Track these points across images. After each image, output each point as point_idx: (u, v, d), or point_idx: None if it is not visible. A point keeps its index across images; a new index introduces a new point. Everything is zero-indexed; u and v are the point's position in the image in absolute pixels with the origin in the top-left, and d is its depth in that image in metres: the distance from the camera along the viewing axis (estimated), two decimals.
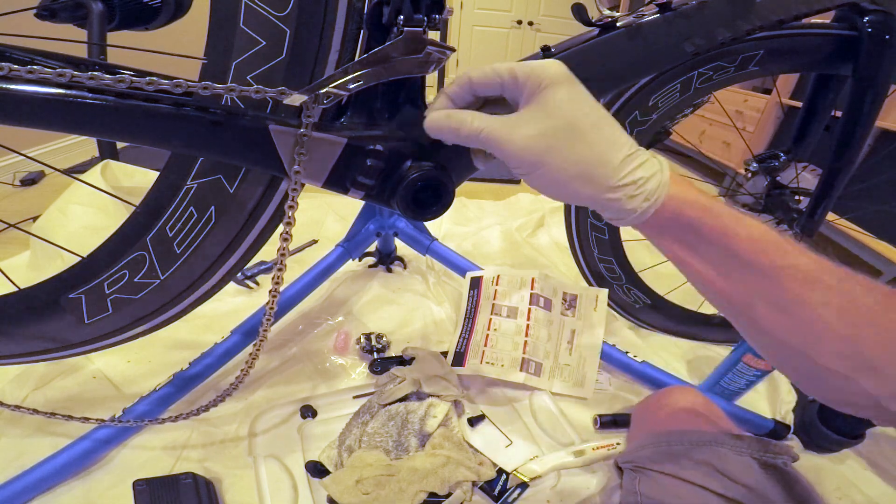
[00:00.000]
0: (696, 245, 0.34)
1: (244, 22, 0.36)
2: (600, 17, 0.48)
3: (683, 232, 0.33)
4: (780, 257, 0.31)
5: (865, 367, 0.29)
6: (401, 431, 0.68)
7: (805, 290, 0.31)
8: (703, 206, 0.33)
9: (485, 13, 3.97)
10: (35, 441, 0.65)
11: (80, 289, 0.49)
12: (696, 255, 0.34)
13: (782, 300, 0.31)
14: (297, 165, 0.36)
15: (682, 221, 0.33)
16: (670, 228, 0.34)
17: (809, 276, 0.31)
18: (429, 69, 0.36)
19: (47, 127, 0.35)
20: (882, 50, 0.61)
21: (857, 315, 0.30)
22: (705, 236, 0.33)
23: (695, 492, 0.49)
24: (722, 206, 0.33)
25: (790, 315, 0.31)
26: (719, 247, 0.33)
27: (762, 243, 0.32)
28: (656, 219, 0.34)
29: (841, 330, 0.30)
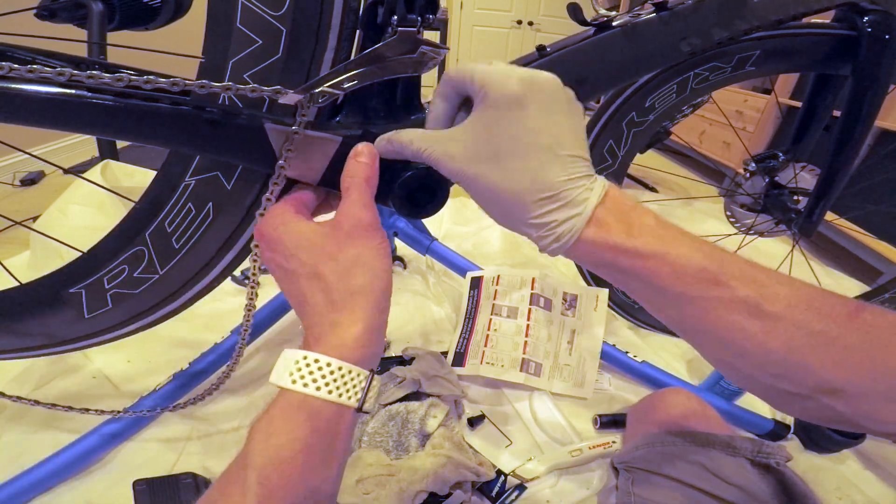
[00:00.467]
0: (622, 281, 0.33)
1: (241, 21, 0.36)
2: (596, 17, 0.48)
3: (605, 269, 0.33)
4: (710, 289, 0.30)
5: (828, 390, 0.28)
6: (401, 431, 0.68)
7: (740, 320, 0.29)
8: (619, 247, 0.31)
9: (485, 13, 3.97)
10: (36, 440, 0.66)
11: (80, 283, 0.49)
12: (626, 287, 0.33)
13: (715, 331, 0.31)
14: (282, 160, 0.36)
15: (599, 260, 0.32)
16: (590, 265, 0.33)
17: (748, 305, 0.29)
18: (423, 69, 0.36)
19: (47, 125, 0.35)
20: (881, 50, 0.61)
21: (804, 343, 0.28)
22: (627, 274, 0.32)
23: (688, 492, 0.49)
24: (647, 241, 0.31)
25: (729, 344, 0.30)
26: (643, 283, 0.32)
27: (688, 277, 0.30)
28: (573, 254, 0.33)
29: (786, 359, 0.29)
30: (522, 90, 0.31)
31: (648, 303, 0.34)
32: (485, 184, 0.32)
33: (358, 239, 0.33)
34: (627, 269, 0.32)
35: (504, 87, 0.31)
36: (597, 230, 0.31)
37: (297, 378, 0.29)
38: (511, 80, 0.31)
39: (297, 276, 0.33)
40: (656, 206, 1.53)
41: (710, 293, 0.30)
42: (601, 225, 0.31)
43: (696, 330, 0.32)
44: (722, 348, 0.31)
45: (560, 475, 0.68)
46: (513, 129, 0.31)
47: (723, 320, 0.30)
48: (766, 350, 0.29)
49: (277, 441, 0.28)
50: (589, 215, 0.31)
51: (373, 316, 0.32)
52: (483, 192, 0.33)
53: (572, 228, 0.31)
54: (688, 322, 0.32)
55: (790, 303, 0.29)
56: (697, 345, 0.34)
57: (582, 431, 0.75)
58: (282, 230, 0.34)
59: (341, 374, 0.30)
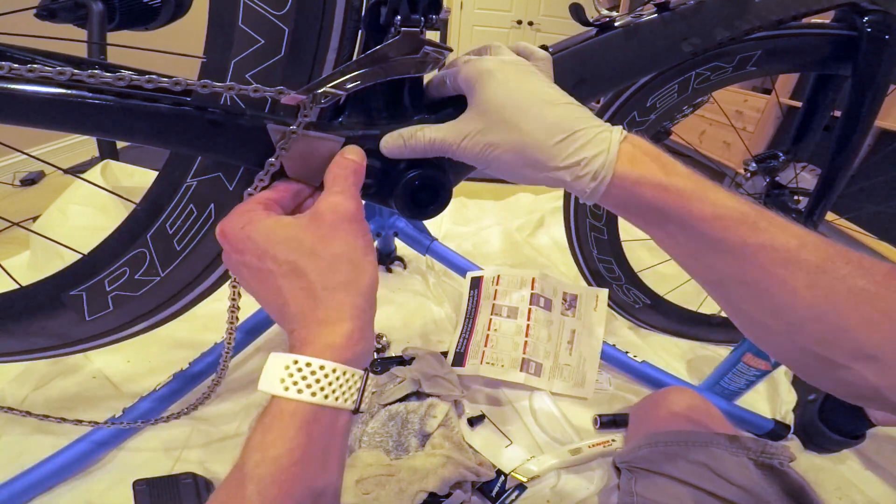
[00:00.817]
0: (660, 224, 0.32)
1: (243, 20, 0.36)
2: (598, 17, 0.48)
3: (644, 211, 0.32)
4: (752, 235, 0.29)
5: (862, 356, 0.27)
6: (401, 431, 0.68)
7: (782, 271, 0.28)
8: (659, 184, 0.31)
9: (485, 13, 3.97)
10: (35, 440, 0.65)
11: (81, 286, 0.49)
12: (662, 233, 0.33)
13: (755, 282, 0.29)
14: (274, 158, 0.36)
15: (639, 201, 0.32)
16: (630, 207, 0.33)
17: (788, 256, 0.28)
18: (426, 69, 0.36)
19: (47, 126, 0.35)
20: (881, 50, 0.61)
21: (846, 299, 0.27)
22: (666, 216, 0.31)
23: (690, 492, 0.49)
24: (685, 181, 0.31)
25: (766, 298, 0.29)
26: (682, 227, 0.31)
27: (730, 221, 0.29)
28: (613, 197, 0.33)
29: (826, 315, 0.28)
30: (494, 67, 0.34)
31: (683, 250, 0.33)
32: (503, 150, 0.33)
33: (341, 231, 0.31)
34: (668, 210, 0.31)
35: (487, 70, 0.34)
36: (632, 166, 0.31)
37: (290, 384, 0.28)
38: (487, 63, 0.35)
39: (273, 275, 0.31)
40: None
41: (752, 240, 0.29)
42: (635, 162, 0.31)
43: (733, 282, 0.31)
44: (758, 303, 0.30)
45: (560, 475, 0.68)
46: (507, 96, 0.33)
47: (764, 270, 0.29)
48: (805, 304, 0.28)
49: (275, 452, 0.27)
50: (616, 149, 0.31)
51: (362, 311, 0.31)
52: (504, 159, 0.34)
53: (605, 162, 0.31)
54: (725, 272, 0.31)
55: (830, 255, 0.28)
56: (731, 300, 0.33)
57: (582, 431, 0.75)
58: (249, 229, 0.31)
59: (335, 376, 0.28)
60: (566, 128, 0.32)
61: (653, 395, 0.68)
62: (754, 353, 0.72)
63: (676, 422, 0.59)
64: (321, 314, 0.30)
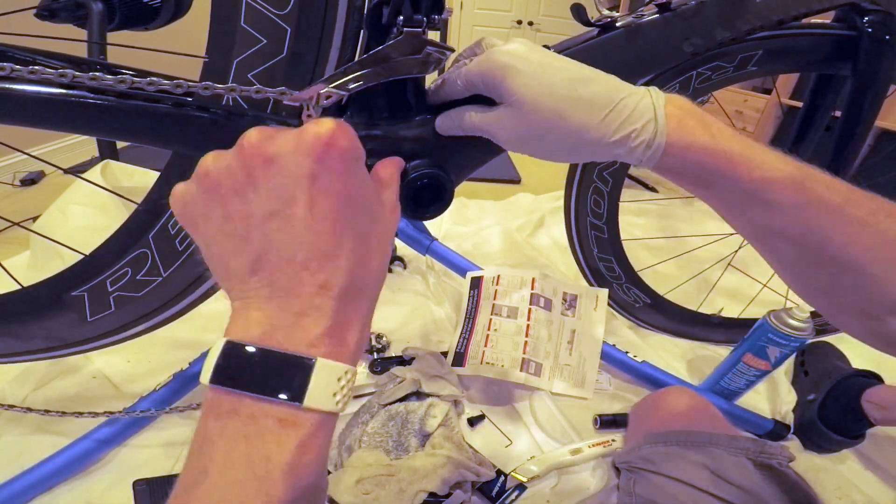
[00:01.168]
0: (708, 185, 0.33)
1: (245, 20, 0.36)
2: (599, 18, 0.48)
3: (695, 175, 0.33)
4: (799, 194, 0.30)
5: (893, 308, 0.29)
6: (401, 431, 0.68)
7: (827, 227, 0.30)
8: (708, 148, 0.31)
9: (485, 13, 3.97)
10: (35, 440, 0.65)
11: (82, 286, 0.49)
12: (711, 193, 0.34)
13: (802, 237, 0.31)
14: None
15: (690, 166, 0.32)
16: (681, 171, 0.33)
17: (833, 212, 0.30)
18: (428, 69, 0.36)
19: (49, 127, 0.35)
20: (881, 50, 0.61)
21: (885, 252, 0.29)
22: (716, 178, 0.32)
23: (690, 492, 0.49)
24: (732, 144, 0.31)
25: (812, 252, 0.31)
26: (732, 189, 0.32)
27: (778, 182, 0.30)
28: (664, 163, 0.33)
29: (868, 269, 0.29)
30: (509, 58, 0.32)
31: (736, 208, 0.34)
32: (551, 140, 0.33)
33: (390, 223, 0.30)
34: (718, 172, 0.31)
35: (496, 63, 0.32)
36: (682, 132, 0.31)
37: (341, 398, 0.24)
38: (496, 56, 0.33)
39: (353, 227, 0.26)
40: (656, 206, 1.54)
41: (799, 198, 0.30)
42: (684, 127, 0.32)
43: (779, 237, 0.32)
44: (804, 256, 0.32)
45: (560, 475, 0.68)
46: (537, 88, 0.32)
47: (810, 225, 0.30)
48: (849, 257, 0.29)
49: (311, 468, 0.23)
50: (663, 117, 0.31)
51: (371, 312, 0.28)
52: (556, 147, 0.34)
53: (656, 130, 0.31)
54: (773, 229, 0.32)
55: (873, 210, 0.30)
56: (777, 253, 0.34)
57: (582, 431, 0.75)
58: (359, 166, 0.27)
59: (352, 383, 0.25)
60: (607, 101, 0.32)
61: (652, 396, 0.68)
62: (754, 353, 0.72)
63: (676, 422, 0.59)
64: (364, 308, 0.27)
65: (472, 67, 0.34)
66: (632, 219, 1.44)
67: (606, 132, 0.32)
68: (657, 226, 1.49)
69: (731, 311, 0.99)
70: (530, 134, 0.33)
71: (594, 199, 0.82)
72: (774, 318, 0.69)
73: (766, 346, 0.71)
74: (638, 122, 0.31)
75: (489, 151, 0.44)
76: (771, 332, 0.69)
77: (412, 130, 0.39)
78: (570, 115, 0.32)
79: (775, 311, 0.70)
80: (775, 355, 0.71)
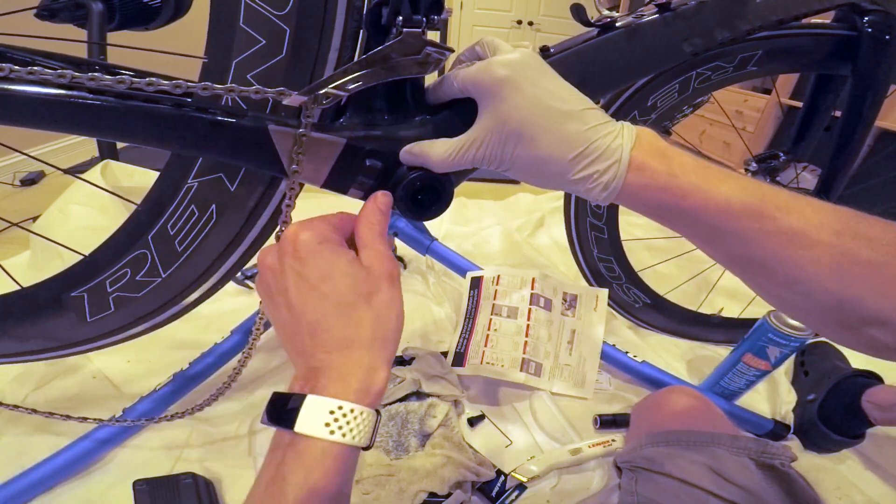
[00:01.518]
0: (670, 219, 0.35)
1: (244, 20, 0.36)
2: (599, 18, 0.48)
3: (652, 209, 0.35)
4: (756, 222, 0.31)
5: (873, 321, 0.30)
6: (401, 431, 0.68)
7: (789, 251, 0.31)
8: (664, 186, 0.33)
9: (485, 13, 3.97)
10: (35, 441, 0.65)
11: (82, 287, 0.49)
12: (675, 226, 0.35)
13: (765, 261, 0.32)
14: (296, 165, 0.36)
15: (646, 202, 0.34)
16: (639, 207, 0.35)
17: (793, 236, 0.30)
18: (428, 70, 0.36)
19: (48, 127, 0.35)
20: (881, 50, 0.61)
21: (850, 272, 0.30)
22: (673, 212, 0.34)
23: (691, 492, 0.49)
24: (690, 178, 0.33)
25: (778, 274, 0.32)
26: (690, 220, 0.33)
27: (734, 213, 0.32)
28: (622, 200, 0.35)
29: (835, 287, 0.30)
30: (508, 72, 0.33)
31: (699, 238, 0.35)
32: (522, 162, 0.35)
33: (387, 286, 0.33)
34: (675, 209, 0.33)
35: (499, 81, 0.33)
36: (640, 174, 0.33)
37: (336, 428, 0.29)
38: (498, 72, 0.34)
39: (326, 299, 0.31)
40: None
41: (756, 225, 0.31)
42: (643, 169, 0.33)
43: (746, 262, 0.34)
44: (772, 279, 0.33)
45: (560, 475, 0.68)
46: (519, 107, 0.33)
47: (770, 251, 0.31)
48: (813, 279, 0.30)
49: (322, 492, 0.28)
50: (627, 160, 0.33)
51: (391, 361, 0.33)
52: (523, 168, 0.35)
53: (615, 176, 0.33)
54: (738, 255, 0.33)
55: (836, 230, 0.30)
56: (749, 278, 0.35)
57: (582, 431, 0.75)
58: (324, 248, 0.32)
59: (368, 420, 0.30)
60: (581, 142, 0.33)
61: (654, 395, 0.68)
62: (754, 353, 0.72)
63: (678, 421, 0.59)
64: (359, 355, 0.31)
65: (468, 74, 0.35)
66: (632, 219, 1.44)
67: (571, 170, 0.34)
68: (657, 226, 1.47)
69: (731, 311, 0.99)
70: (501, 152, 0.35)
71: None
72: (774, 318, 0.69)
73: (766, 346, 0.71)
74: (602, 164, 0.33)
75: None
76: (771, 332, 0.69)
77: (412, 130, 0.39)
78: (545, 146, 0.34)
79: (775, 311, 0.70)
80: (775, 355, 0.71)
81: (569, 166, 0.34)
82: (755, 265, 0.33)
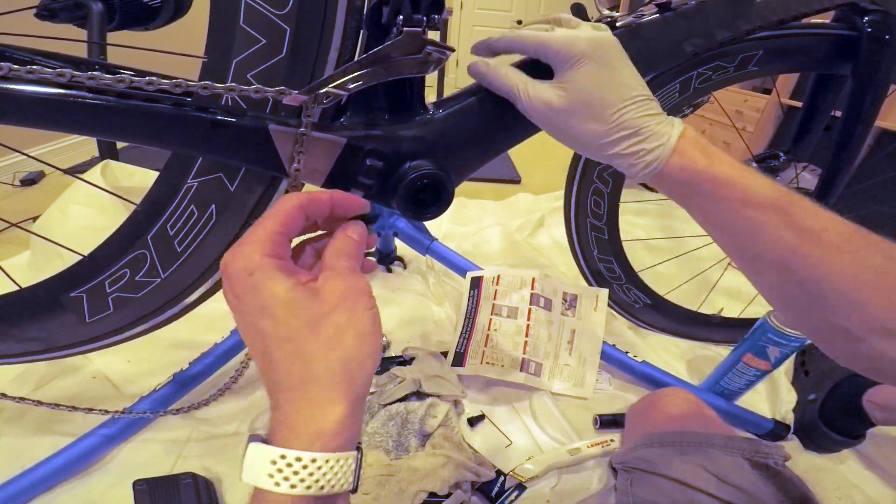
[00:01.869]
0: (697, 204, 0.37)
1: (244, 20, 0.36)
2: (599, 18, 0.48)
3: (684, 193, 0.37)
4: (777, 217, 0.33)
5: (879, 329, 0.30)
6: (401, 431, 0.68)
7: (805, 249, 0.32)
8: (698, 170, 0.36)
9: (485, 13, 3.97)
10: (36, 440, 0.65)
11: (81, 287, 0.49)
12: (703, 211, 0.38)
13: (780, 259, 0.33)
14: (297, 164, 0.36)
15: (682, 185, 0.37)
16: (675, 188, 0.38)
17: (811, 236, 0.32)
18: (428, 69, 0.36)
19: (48, 127, 0.35)
20: (881, 50, 0.61)
21: (862, 275, 0.31)
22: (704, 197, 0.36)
23: (687, 493, 0.49)
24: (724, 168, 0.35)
25: (791, 273, 0.33)
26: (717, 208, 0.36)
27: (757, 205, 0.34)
28: (659, 180, 0.38)
29: (846, 290, 0.31)
30: (589, 49, 0.37)
31: (720, 228, 0.37)
32: (578, 128, 0.38)
33: (349, 302, 0.29)
34: (705, 193, 0.36)
35: (584, 52, 0.37)
36: (680, 158, 0.37)
37: (280, 479, 0.25)
38: (578, 43, 0.37)
39: (266, 337, 0.28)
40: (657, 206, 1.54)
41: (779, 220, 0.33)
42: (683, 154, 0.37)
43: (762, 256, 0.35)
44: (784, 275, 0.34)
45: (560, 475, 0.68)
46: (591, 82, 0.37)
47: (788, 246, 0.33)
48: (827, 279, 0.32)
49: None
50: (673, 145, 0.36)
51: (357, 390, 0.28)
52: (576, 135, 0.39)
53: (659, 157, 0.37)
54: (757, 248, 0.35)
55: (851, 238, 0.32)
56: (760, 273, 0.37)
57: (582, 431, 0.75)
58: (257, 277, 0.28)
59: (329, 466, 0.26)
60: (634, 125, 0.37)
61: (649, 396, 0.68)
62: (754, 353, 0.72)
63: (672, 422, 0.59)
64: (313, 392, 0.27)
65: (550, 38, 0.38)
66: (632, 219, 1.44)
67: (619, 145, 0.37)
68: (658, 226, 1.48)
69: (731, 311, 0.99)
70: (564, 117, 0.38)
71: (594, 199, 0.82)
72: (774, 318, 0.69)
73: (766, 346, 0.71)
74: (650, 144, 0.37)
75: (489, 152, 0.44)
76: (771, 332, 0.69)
77: (412, 130, 0.39)
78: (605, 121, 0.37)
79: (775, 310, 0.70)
80: (775, 355, 0.71)
81: (620, 143, 0.37)
82: (770, 260, 0.34)
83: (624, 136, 0.37)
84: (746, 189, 0.34)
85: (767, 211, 0.33)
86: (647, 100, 0.38)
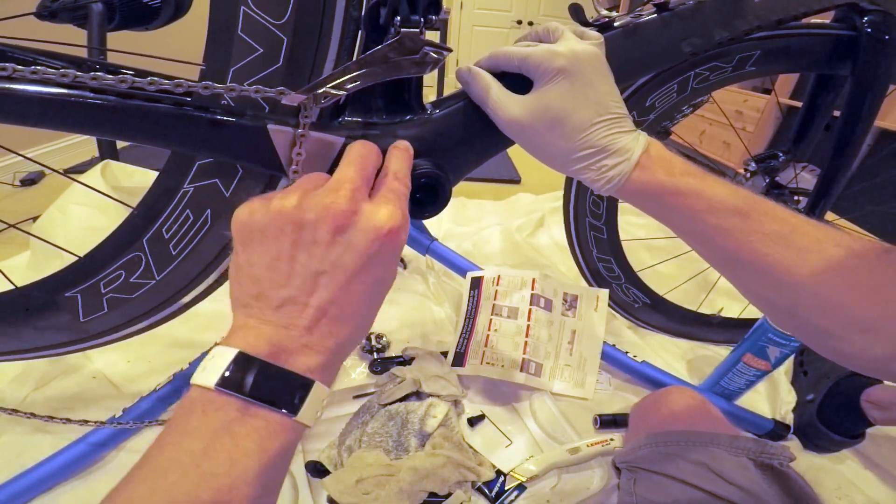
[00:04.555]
0: (666, 215, 0.39)
1: (242, 29, 0.36)
2: (598, 18, 0.48)
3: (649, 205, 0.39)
4: (743, 222, 0.34)
5: (858, 329, 0.30)
6: (401, 431, 0.68)
7: (775, 252, 0.33)
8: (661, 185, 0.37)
9: (485, 13, 3.98)
10: (35, 440, 0.65)
11: (76, 287, 0.49)
12: (670, 222, 0.39)
13: (752, 262, 0.34)
14: (296, 165, 0.37)
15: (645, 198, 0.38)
16: (641, 201, 0.39)
17: (778, 238, 0.33)
18: (426, 69, 0.36)
19: (50, 126, 0.35)
20: (881, 50, 0.61)
21: (834, 277, 0.31)
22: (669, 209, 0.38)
23: (690, 492, 0.49)
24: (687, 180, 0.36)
25: (766, 276, 0.33)
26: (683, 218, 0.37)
27: (723, 212, 0.35)
28: (623, 193, 0.39)
29: (821, 291, 0.31)
30: (566, 65, 0.37)
31: (690, 236, 0.39)
32: (545, 143, 0.39)
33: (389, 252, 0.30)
34: (669, 205, 0.37)
35: (552, 64, 0.37)
36: (642, 173, 0.37)
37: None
38: (557, 59, 0.37)
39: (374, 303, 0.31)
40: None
41: (743, 225, 0.34)
42: (646, 169, 0.37)
43: (734, 262, 0.36)
44: (760, 280, 0.35)
45: (560, 475, 0.68)
46: (563, 98, 0.37)
47: (757, 251, 0.34)
48: (801, 281, 0.32)
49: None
50: (635, 162, 0.37)
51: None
52: (543, 149, 0.39)
53: (621, 172, 0.37)
54: (727, 254, 0.36)
55: (819, 239, 0.32)
56: (739, 279, 0.38)
57: (582, 431, 0.75)
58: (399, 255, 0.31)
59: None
60: (600, 144, 0.37)
61: (653, 395, 0.68)
62: (754, 353, 0.72)
63: (676, 422, 0.59)
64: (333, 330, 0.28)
65: (531, 54, 0.38)
66: (632, 219, 1.44)
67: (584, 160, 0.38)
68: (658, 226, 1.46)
69: (731, 311, 0.99)
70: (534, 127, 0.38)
71: (593, 199, 0.82)
72: None
73: (766, 346, 0.71)
74: (612, 160, 0.37)
75: (486, 152, 0.44)
76: (771, 332, 0.69)
77: (410, 130, 0.40)
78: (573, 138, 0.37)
79: None
80: (775, 355, 0.71)
81: (584, 159, 0.38)
82: (743, 265, 0.35)
83: (589, 153, 0.38)
84: (711, 198, 0.35)
85: (732, 218, 0.34)
86: (619, 118, 0.38)
